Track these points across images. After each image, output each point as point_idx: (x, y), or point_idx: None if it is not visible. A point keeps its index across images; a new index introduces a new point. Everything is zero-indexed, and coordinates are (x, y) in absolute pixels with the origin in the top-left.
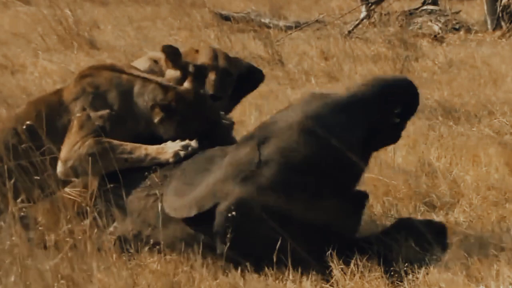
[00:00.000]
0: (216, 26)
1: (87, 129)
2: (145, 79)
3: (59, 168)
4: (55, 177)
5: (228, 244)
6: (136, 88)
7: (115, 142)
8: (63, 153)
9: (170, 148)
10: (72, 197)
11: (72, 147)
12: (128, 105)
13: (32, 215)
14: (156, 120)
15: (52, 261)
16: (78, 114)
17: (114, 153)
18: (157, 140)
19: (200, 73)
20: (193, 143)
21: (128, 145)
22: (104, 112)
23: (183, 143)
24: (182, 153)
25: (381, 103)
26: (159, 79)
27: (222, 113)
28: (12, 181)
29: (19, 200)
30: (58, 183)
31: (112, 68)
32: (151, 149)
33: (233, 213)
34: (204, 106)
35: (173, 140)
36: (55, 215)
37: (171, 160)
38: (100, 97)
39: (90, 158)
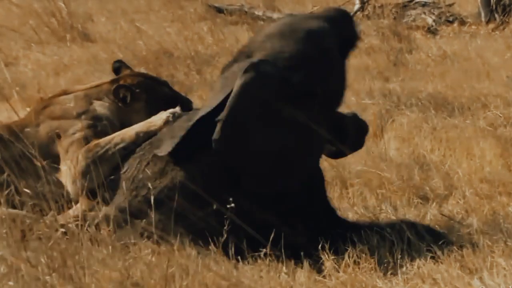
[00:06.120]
0: (209, 18)
1: (72, 147)
2: (96, 86)
3: (72, 191)
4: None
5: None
6: (94, 97)
7: (103, 139)
8: (67, 178)
9: (158, 119)
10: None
11: (69, 168)
12: (94, 116)
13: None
14: (125, 101)
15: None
16: (58, 141)
17: (109, 150)
18: None
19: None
20: (178, 109)
21: (117, 135)
22: (78, 125)
23: (170, 110)
24: (170, 117)
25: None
26: (104, 80)
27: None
28: (5, 174)
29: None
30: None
31: (64, 93)
32: (140, 127)
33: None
34: (158, 81)
35: None
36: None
37: (163, 126)
38: (67, 119)
39: (91, 166)
